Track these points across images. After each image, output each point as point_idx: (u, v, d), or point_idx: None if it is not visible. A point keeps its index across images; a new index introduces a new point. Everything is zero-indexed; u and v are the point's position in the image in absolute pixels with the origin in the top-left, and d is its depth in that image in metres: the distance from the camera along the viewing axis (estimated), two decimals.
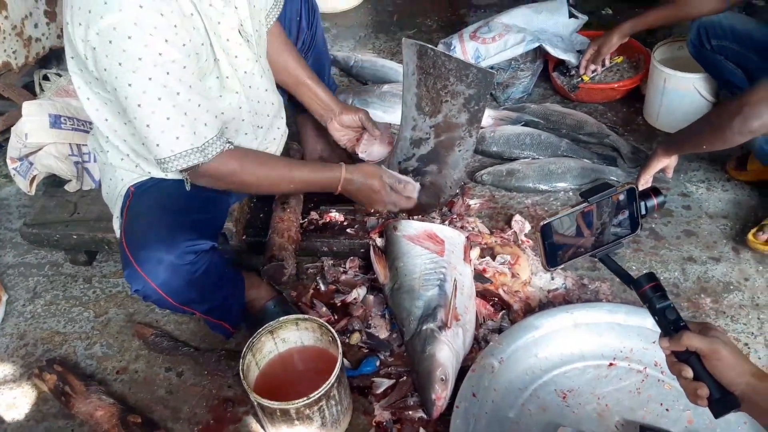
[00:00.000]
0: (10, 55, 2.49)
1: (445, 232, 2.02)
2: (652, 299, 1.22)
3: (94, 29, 1.40)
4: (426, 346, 1.72)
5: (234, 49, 1.66)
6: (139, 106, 1.46)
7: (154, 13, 1.41)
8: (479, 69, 1.79)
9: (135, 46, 1.40)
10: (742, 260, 2.07)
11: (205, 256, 1.65)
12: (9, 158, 2.28)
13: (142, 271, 1.58)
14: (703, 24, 2.16)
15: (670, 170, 1.99)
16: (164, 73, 1.44)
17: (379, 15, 3.35)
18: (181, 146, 1.51)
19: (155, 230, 1.62)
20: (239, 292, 1.88)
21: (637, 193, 1.29)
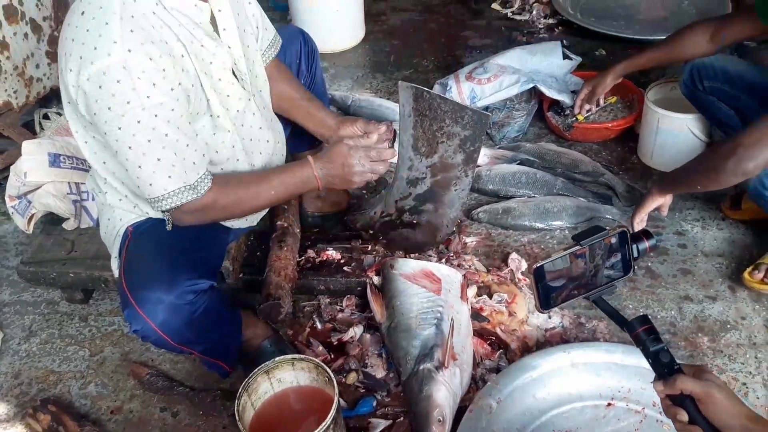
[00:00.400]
0: (11, 94, 2.51)
1: (442, 271, 2.01)
2: (645, 342, 1.21)
3: (84, 74, 1.42)
4: (423, 386, 1.70)
5: (226, 89, 1.67)
6: (129, 148, 1.48)
7: (143, 57, 1.43)
8: (474, 111, 1.81)
9: (123, 90, 1.42)
10: (739, 299, 2.07)
11: (204, 295, 1.65)
12: (7, 196, 2.28)
13: (141, 311, 1.57)
14: (695, 66, 2.19)
15: (665, 209, 2.00)
16: (152, 116, 1.46)
17: (376, 55, 3.39)
18: (173, 185, 1.53)
19: (155, 270, 1.61)
20: (236, 331, 1.87)
21: (629, 236, 1.29)
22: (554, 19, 3.47)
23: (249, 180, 1.76)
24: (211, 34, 1.61)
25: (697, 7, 3.37)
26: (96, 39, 1.42)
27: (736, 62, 2.17)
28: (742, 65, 2.15)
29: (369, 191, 2.52)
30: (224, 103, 1.68)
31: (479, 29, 3.49)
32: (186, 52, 1.54)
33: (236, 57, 1.69)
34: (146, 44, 1.44)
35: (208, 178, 1.61)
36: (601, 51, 3.21)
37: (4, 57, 2.46)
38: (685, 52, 2.22)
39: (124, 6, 1.45)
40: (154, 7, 1.49)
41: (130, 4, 1.46)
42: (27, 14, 2.52)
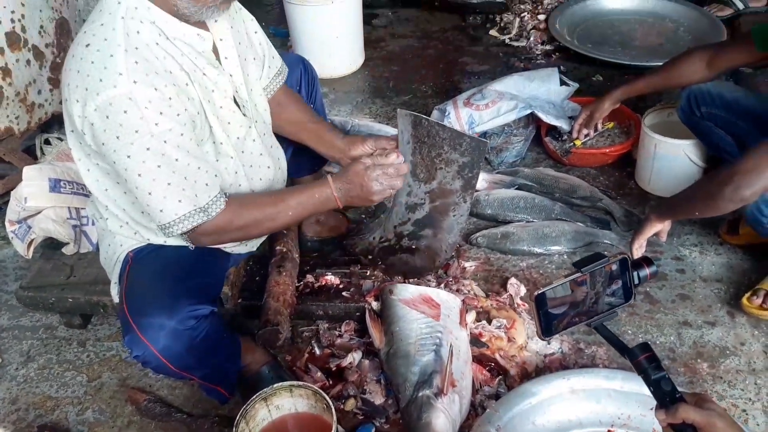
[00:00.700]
0: (13, 120, 2.52)
1: (441, 296, 2.01)
2: (647, 370, 1.21)
3: (91, 106, 1.44)
4: (422, 414, 1.69)
5: (227, 116, 1.69)
6: (139, 175, 1.48)
7: (148, 88, 1.45)
8: (472, 138, 1.82)
9: (131, 119, 1.44)
10: (738, 324, 2.06)
11: (205, 320, 1.64)
12: (7, 221, 2.28)
13: (143, 336, 1.56)
14: (692, 92, 2.20)
15: (664, 234, 2.00)
16: (161, 142, 1.47)
17: (375, 81, 3.41)
18: (184, 209, 1.54)
19: (157, 296, 1.61)
20: (235, 357, 1.86)
21: (629, 263, 1.29)
22: (551, 46, 3.50)
23: (265, 202, 1.76)
24: (213, 62, 1.63)
25: (692, 34, 3.40)
26: (101, 71, 1.44)
27: (733, 88, 2.18)
28: (739, 91, 2.16)
29: (368, 216, 2.52)
30: (226, 130, 1.69)
31: (477, 55, 3.51)
32: (190, 80, 1.55)
33: (237, 85, 1.71)
34: (151, 75, 1.46)
35: (221, 199, 1.61)
36: (598, 77, 3.23)
37: (7, 83, 2.47)
38: (683, 78, 2.23)
39: (128, 38, 1.47)
40: (157, 38, 1.51)
41: (133, 36, 1.48)
42: (30, 41, 2.53)
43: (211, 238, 1.66)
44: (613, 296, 1.31)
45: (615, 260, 1.27)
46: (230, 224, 1.64)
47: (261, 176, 1.87)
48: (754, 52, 2.05)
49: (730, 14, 3.42)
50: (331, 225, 2.38)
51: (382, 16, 3.88)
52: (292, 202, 1.74)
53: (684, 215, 1.90)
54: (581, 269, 1.25)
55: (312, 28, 3.28)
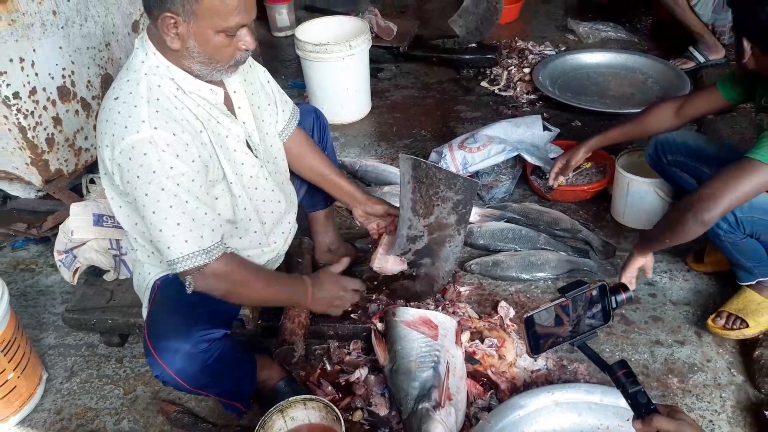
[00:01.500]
0: (62, 163, 2.55)
1: (439, 318, 2.00)
2: (625, 384, 1.20)
3: (118, 149, 1.46)
4: (422, 425, 1.67)
5: (240, 158, 1.70)
6: (153, 213, 1.48)
7: (167, 134, 1.47)
8: (465, 179, 1.83)
9: (150, 161, 1.45)
10: (704, 343, 2.04)
11: (218, 343, 1.63)
12: (56, 251, 2.29)
13: (160, 359, 1.56)
14: (659, 141, 2.17)
15: (648, 270, 1.97)
16: (175, 185, 1.47)
17: (381, 126, 3.43)
18: (189, 248, 1.51)
19: (173, 322, 1.61)
20: (251, 374, 1.85)
21: (608, 289, 1.29)
22: (535, 95, 3.52)
23: (260, 271, 1.75)
24: (226, 112, 1.65)
25: (660, 85, 3.42)
26: (127, 119, 1.47)
27: (696, 137, 2.16)
28: (701, 140, 2.14)
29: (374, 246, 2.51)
30: (238, 171, 1.70)
31: (470, 104, 3.53)
32: (204, 128, 1.57)
33: (250, 131, 1.72)
34: (170, 122, 1.48)
35: (223, 247, 1.59)
36: (576, 122, 3.25)
37: (58, 131, 2.50)
38: (652, 127, 2.20)
39: (150, 91, 1.50)
40: (175, 92, 1.54)
41: (155, 89, 1.51)
42: (78, 94, 2.57)
43: (208, 283, 1.58)
44: (593, 318, 1.30)
45: (595, 286, 1.27)
46: (227, 275, 1.60)
47: (273, 209, 1.87)
48: (718, 101, 2.04)
49: (693, 67, 3.44)
50: (341, 254, 2.37)
51: (386, 69, 3.92)
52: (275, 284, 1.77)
53: (659, 245, 1.88)
54: (565, 295, 1.25)
55: (325, 81, 3.32)
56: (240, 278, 1.64)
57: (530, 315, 1.24)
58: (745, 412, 1.83)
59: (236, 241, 1.79)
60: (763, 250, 1.88)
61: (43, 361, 2.18)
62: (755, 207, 1.78)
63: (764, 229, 1.81)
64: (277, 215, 1.90)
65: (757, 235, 1.83)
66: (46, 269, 2.63)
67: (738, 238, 1.85)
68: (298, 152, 1.98)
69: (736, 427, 1.79)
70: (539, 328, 1.26)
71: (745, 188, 1.65)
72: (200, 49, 1.49)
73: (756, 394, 1.88)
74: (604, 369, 1.25)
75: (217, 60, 1.53)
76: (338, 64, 3.22)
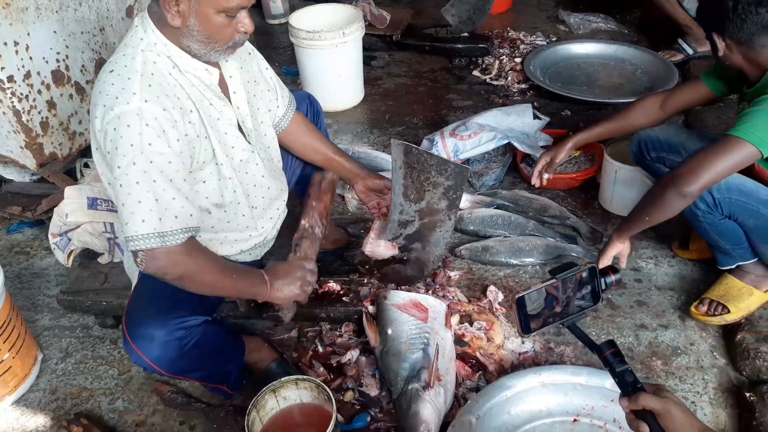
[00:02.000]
0: (57, 146, 2.54)
1: (429, 301, 2.01)
2: (612, 363, 1.22)
3: (106, 119, 1.44)
4: (411, 404, 1.69)
5: (231, 141, 1.68)
6: (120, 186, 1.44)
7: (157, 108, 1.45)
8: (456, 165, 1.84)
9: (131, 133, 1.43)
10: (688, 327, 2.07)
11: (196, 330, 1.63)
12: (51, 234, 2.28)
13: (136, 346, 1.57)
14: (642, 139, 2.15)
15: (623, 258, 1.98)
16: (147, 162, 1.43)
17: (373, 114, 3.43)
18: (144, 228, 1.44)
19: (151, 308, 1.61)
20: (236, 358, 1.85)
21: (597, 271, 1.30)
22: (526, 85, 3.52)
23: (217, 259, 1.64)
24: (219, 95, 1.64)
25: (649, 76, 3.43)
26: (119, 91, 1.45)
27: (678, 132, 2.13)
28: (684, 134, 2.11)
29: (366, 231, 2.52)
30: (228, 154, 1.68)
31: (462, 92, 3.54)
32: (195, 108, 1.56)
33: (244, 116, 1.71)
34: (161, 97, 1.47)
35: (184, 236, 1.49)
36: (566, 112, 3.26)
37: (52, 115, 2.49)
38: (638, 121, 2.19)
39: (145, 66, 1.49)
40: (170, 69, 1.53)
41: (150, 65, 1.50)
42: (72, 78, 2.56)
43: (159, 265, 1.48)
44: (582, 300, 1.32)
45: (585, 268, 1.28)
46: (181, 259, 1.50)
47: (263, 195, 1.86)
48: (702, 93, 2.05)
49: (681, 59, 3.46)
50: (333, 239, 2.38)
51: (379, 58, 3.91)
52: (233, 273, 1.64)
53: (640, 225, 1.88)
54: (556, 276, 1.26)
55: (319, 68, 3.31)
56: (195, 264, 1.54)
57: (521, 295, 1.25)
58: (727, 393, 1.86)
59: (224, 224, 1.78)
60: (741, 232, 1.89)
61: (38, 342, 2.18)
62: (733, 188, 1.79)
63: (741, 211, 1.82)
64: (267, 201, 1.90)
65: (734, 216, 1.84)
66: (40, 252, 2.63)
67: (716, 219, 1.86)
68: (299, 135, 1.98)
69: (718, 408, 1.82)
70: (530, 309, 1.27)
71: (725, 163, 1.66)
72: (200, 27, 1.49)
73: (737, 377, 1.91)
74: (593, 349, 1.26)
75: (215, 40, 1.52)
76: (331, 51, 3.21)
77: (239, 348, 1.87)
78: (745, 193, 1.80)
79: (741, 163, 1.67)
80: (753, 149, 1.64)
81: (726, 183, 1.77)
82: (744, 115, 1.68)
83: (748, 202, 1.80)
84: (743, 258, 1.98)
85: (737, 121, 1.68)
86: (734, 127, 1.67)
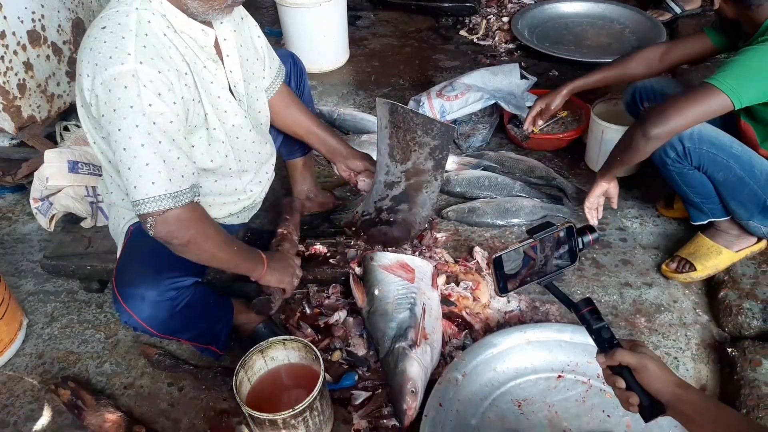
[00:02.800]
0: (35, 109, 2.49)
1: (416, 262, 2.02)
2: (589, 321, 1.22)
3: (99, 79, 1.41)
4: (398, 363, 1.71)
5: (224, 105, 1.66)
6: (124, 149, 1.42)
7: (152, 70, 1.42)
8: (442, 124, 1.82)
9: (129, 95, 1.40)
10: (671, 285, 2.10)
11: (187, 291, 1.63)
12: (32, 198, 2.26)
13: (127, 306, 1.56)
14: (637, 88, 2.16)
15: (613, 199, 2.00)
16: (150, 123, 1.41)
17: (359, 75, 3.39)
18: (155, 190, 1.43)
19: (142, 269, 1.60)
20: (226, 319, 1.86)
21: (575, 230, 1.30)
22: (513, 45, 3.50)
23: (222, 230, 1.64)
24: (214, 57, 1.61)
25: (637, 35, 3.41)
26: (112, 50, 1.41)
27: (674, 85, 2.14)
28: (679, 87, 2.12)
29: (352, 193, 2.52)
30: (221, 118, 1.67)
31: (449, 53, 3.50)
32: (189, 70, 1.54)
33: (236, 80, 1.69)
34: (156, 59, 1.44)
35: (191, 195, 1.50)
36: (554, 72, 3.24)
37: (29, 76, 2.44)
38: (636, 71, 2.17)
39: (140, 25, 1.45)
40: (165, 29, 1.49)
41: (145, 24, 1.46)
42: (49, 39, 2.50)
43: (170, 229, 1.47)
44: (560, 259, 1.31)
45: (562, 228, 1.28)
46: (191, 223, 1.50)
47: (254, 160, 1.86)
48: (705, 46, 2.03)
49: (669, 18, 3.44)
50: (320, 201, 2.38)
51: (364, 17, 3.85)
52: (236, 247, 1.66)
53: (615, 165, 1.88)
54: (533, 236, 1.25)
55: (302, 28, 3.26)
56: (202, 229, 1.54)
57: (499, 255, 1.24)
58: (709, 349, 1.90)
59: (213, 186, 1.77)
60: (710, 186, 1.89)
61: (23, 308, 2.17)
62: (705, 139, 1.78)
63: (711, 163, 1.81)
64: (258, 165, 1.89)
65: (704, 168, 1.84)
66: (23, 217, 2.60)
67: (685, 169, 1.86)
68: (282, 108, 1.96)
69: (700, 364, 1.85)
70: (508, 269, 1.26)
71: (695, 110, 1.66)
72: None
73: (720, 333, 1.94)
74: (570, 307, 1.26)
75: None
76: (315, 10, 3.16)
77: (228, 309, 1.88)
78: (716, 145, 1.79)
79: (712, 111, 1.66)
80: (725, 98, 1.63)
81: (699, 133, 1.77)
82: (723, 64, 1.67)
83: (719, 155, 1.79)
84: (715, 214, 1.98)
85: (719, 69, 1.67)
86: (714, 74, 1.66)
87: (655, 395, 1.13)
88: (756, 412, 1.63)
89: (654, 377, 1.13)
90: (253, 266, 1.72)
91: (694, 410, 1.08)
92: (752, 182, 1.82)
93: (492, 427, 1.64)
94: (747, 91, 1.63)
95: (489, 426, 1.64)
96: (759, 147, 1.85)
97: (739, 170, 1.81)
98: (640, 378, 1.14)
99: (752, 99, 1.66)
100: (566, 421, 1.64)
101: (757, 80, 1.64)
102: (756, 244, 2.05)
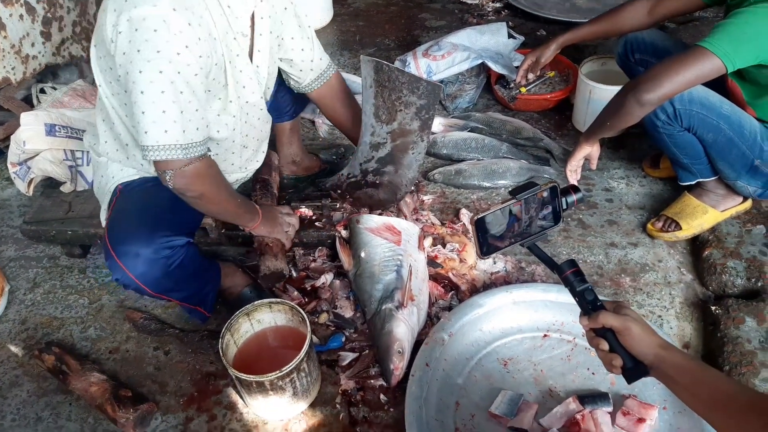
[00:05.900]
0: (9, 71, 2.42)
1: (402, 224, 2.02)
2: (572, 282, 1.22)
3: (125, 16, 1.37)
4: (385, 324, 1.72)
5: (244, 81, 1.64)
6: (142, 93, 1.40)
7: (183, 21, 1.38)
8: (428, 82, 1.80)
9: (157, 39, 1.36)
10: (657, 245, 2.11)
11: (181, 250, 1.63)
12: (9, 163, 2.22)
13: (121, 263, 1.55)
14: (629, 40, 2.15)
15: (593, 160, 2.01)
16: (175, 72, 1.39)
17: (343, 35, 3.34)
18: (167, 139, 1.44)
19: (135, 227, 1.59)
20: (215, 281, 1.86)
21: (559, 190, 1.29)
22: (501, 3, 3.45)
23: (228, 184, 1.73)
24: (246, 31, 1.59)
25: None
26: None
27: (664, 37, 2.14)
28: (669, 40, 2.12)
29: (338, 157, 2.50)
30: (239, 93, 1.65)
31: (435, 12, 3.45)
32: (219, 38, 1.50)
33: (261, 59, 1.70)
34: (189, 13, 1.40)
35: (203, 149, 1.52)
36: (541, 32, 3.21)
37: (2, 37, 2.36)
38: (625, 24, 2.16)
39: None
40: None
41: None
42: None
43: (187, 182, 1.51)
44: (544, 220, 1.31)
45: (546, 188, 1.27)
46: (206, 178, 1.56)
47: (257, 137, 1.87)
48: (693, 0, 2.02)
49: None
50: (305, 165, 2.36)
51: None
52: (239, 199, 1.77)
53: (602, 129, 1.88)
54: (516, 196, 1.24)
55: None
56: (216, 183, 1.63)
57: (481, 216, 1.23)
58: (693, 307, 1.92)
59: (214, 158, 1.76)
60: (700, 147, 1.90)
61: (5, 274, 2.15)
62: (695, 100, 1.78)
63: (701, 124, 1.82)
64: (258, 142, 1.90)
65: (694, 129, 1.84)
66: (1, 182, 2.56)
67: (675, 131, 1.86)
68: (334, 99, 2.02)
69: (684, 322, 1.88)
70: (491, 230, 1.26)
71: (688, 74, 1.66)
72: None
73: (704, 291, 1.97)
74: (553, 268, 1.26)
75: None
76: None
77: (216, 271, 1.88)
78: (707, 106, 1.79)
79: (705, 75, 1.66)
80: (718, 62, 1.62)
81: (689, 95, 1.77)
82: (716, 27, 1.66)
83: (709, 116, 1.80)
84: (703, 175, 2.00)
85: (711, 32, 1.66)
86: (707, 37, 1.65)
87: (639, 357, 1.14)
88: (738, 369, 1.66)
89: (637, 339, 1.14)
90: (251, 217, 1.83)
91: (677, 372, 1.09)
92: (741, 142, 1.82)
93: (478, 386, 1.66)
94: (740, 54, 1.63)
95: (475, 385, 1.66)
96: (746, 106, 1.85)
97: (728, 131, 1.81)
98: (623, 340, 1.15)
99: (745, 62, 1.65)
100: (551, 380, 1.67)
101: (750, 44, 1.63)
102: (741, 204, 2.07)
